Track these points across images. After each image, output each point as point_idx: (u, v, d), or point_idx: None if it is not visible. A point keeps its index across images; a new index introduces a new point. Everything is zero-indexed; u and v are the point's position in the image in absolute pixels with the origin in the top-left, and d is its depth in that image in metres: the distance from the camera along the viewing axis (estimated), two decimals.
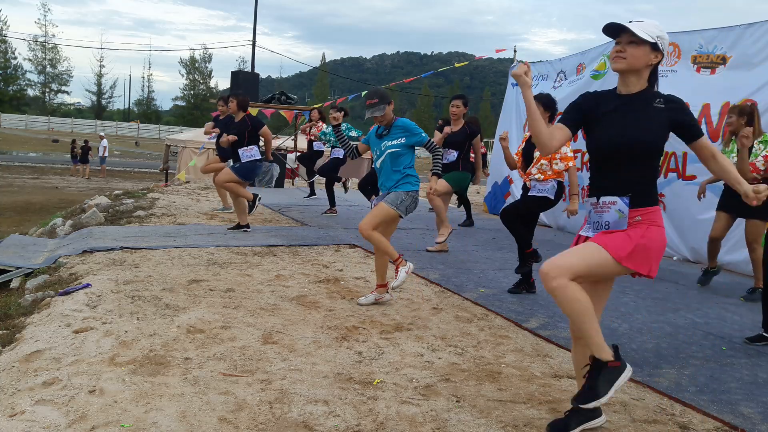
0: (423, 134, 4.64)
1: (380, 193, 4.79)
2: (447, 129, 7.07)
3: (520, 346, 4.04)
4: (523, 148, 5.53)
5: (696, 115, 7.28)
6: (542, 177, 5.19)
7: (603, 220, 2.60)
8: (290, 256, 6.41)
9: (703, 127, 7.19)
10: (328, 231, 8.07)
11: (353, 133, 9.40)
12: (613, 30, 2.60)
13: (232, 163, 7.60)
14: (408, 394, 3.16)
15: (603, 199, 2.61)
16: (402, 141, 4.61)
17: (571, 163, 5.19)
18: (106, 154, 28.14)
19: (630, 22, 2.56)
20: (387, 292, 4.83)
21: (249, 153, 7.34)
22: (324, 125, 10.67)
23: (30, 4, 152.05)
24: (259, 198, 7.67)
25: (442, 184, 6.74)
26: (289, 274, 5.57)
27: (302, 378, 3.29)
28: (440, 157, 4.82)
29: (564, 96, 9.63)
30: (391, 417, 2.90)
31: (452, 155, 6.98)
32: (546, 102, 5.15)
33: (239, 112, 7.48)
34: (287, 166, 14.84)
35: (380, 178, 4.74)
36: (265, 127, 7.68)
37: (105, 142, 28.25)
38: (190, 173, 17.63)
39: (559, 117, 2.86)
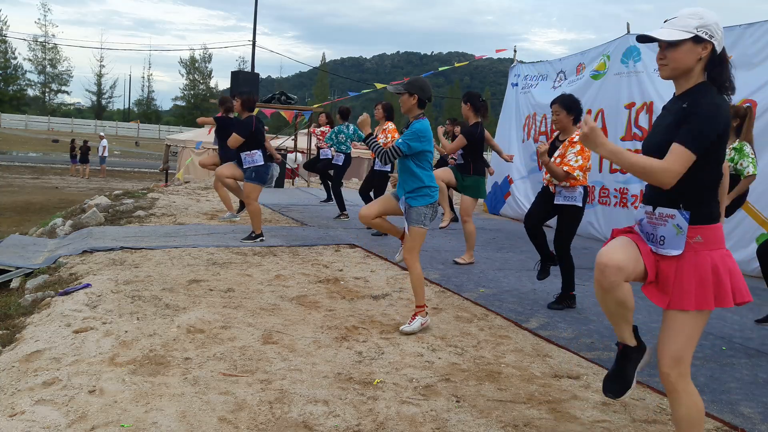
0: (401, 139, 4.21)
1: (400, 197, 4.38)
2: (457, 129, 6.96)
3: (520, 346, 4.04)
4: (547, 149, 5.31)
5: None
6: (568, 183, 4.87)
7: (658, 233, 2.33)
8: (290, 256, 6.41)
9: None
10: (328, 231, 8.07)
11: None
12: (647, 39, 2.34)
13: (244, 173, 7.40)
14: (408, 394, 3.16)
15: (660, 210, 2.33)
16: (401, 141, 4.27)
17: (566, 168, 4.77)
18: (106, 153, 28.14)
19: (665, 21, 2.33)
20: (427, 313, 4.33)
21: (251, 158, 6.98)
22: (330, 130, 10.53)
23: (30, 4, 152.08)
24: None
25: (445, 174, 6.54)
26: (289, 274, 5.57)
27: (302, 378, 3.29)
28: (378, 150, 4.30)
29: None
30: (391, 417, 2.90)
31: (457, 152, 6.87)
32: (568, 104, 4.85)
33: (244, 111, 7.14)
34: (287, 166, 14.84)
35: (399, 178, 4.39)
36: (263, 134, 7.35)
37: (105, 142, 28.26)
38: (189, 172, 17.64)
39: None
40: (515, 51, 11.73)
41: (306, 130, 16.11)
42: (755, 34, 6.91)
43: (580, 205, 4.89)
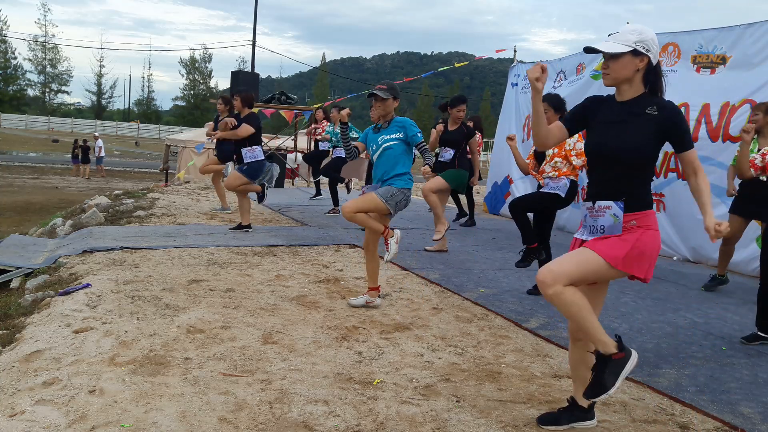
0: (419, 133, 4.59)
1: (372, 184, 4.70)
2: (440, 127, 7.06)
3: (520, 346, 4.04)
4: (534, 150, 5.41)
5: (696, 115, 7.27)
6: (556, 174, 5.08)
7: (598, 224, 2.63)
8: (290, 256, 6.41)
9: (703, 126, 7.18)
10: (328, 231, 8.07)
11: (354, 134, 9.38)
12: (592, 50, 2.68)
13: (237, 165, 7.52)
14: (408, 394, 3.16)
15: (598, 203, 2.64)
16: (399, 135, 4.55)
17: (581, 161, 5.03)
18: (103, 153, 28.06)
19: (609, 35, 2.65)
20: (378, 297, 4.78)
21: (252, 153, 7.27)
22: (328, 124, 10.61)
23: (30, 4, 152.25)
24: (267, 188, 7.66)
25: (437, 181, 6.74)
26: (289, 274, 5.57)
27: (302, 378, 3.29)
28: (430, 157, 4.77)
29: (563, 96, 9.61)
30: (391, 417, 2.90)
31: (448, 153, 6.96)
32: (555, 103, 5.08)
33: (244, 108, 7.44)
34: (287, 166, 14.84)
35: (374, 172, 4.67)
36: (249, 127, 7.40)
37: (100, 142, 28.15)
38: (189, 173, 17.64)
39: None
40: (515, 51, 11.75)
41: (306, 130, 16.10)
42: (755, 34, 6.91)
43: (563, 195, 5.08)
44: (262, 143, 7.49)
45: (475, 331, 4.28)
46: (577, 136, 4.95)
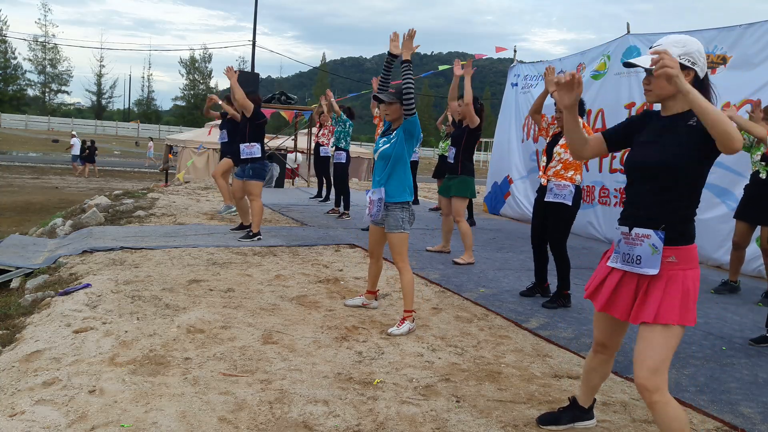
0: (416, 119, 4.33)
1: (372, 189, 4.48)
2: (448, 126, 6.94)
3: (520, 346, 4.04)
4: (546, 145, 5.18)
5: None
6: (561, 168, 4.88)
7: (635, 253, 2.38)
8: (290, 256, 6.40)
9: None
10: (328, 231, 8.07)
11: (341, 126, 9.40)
12: (632, 65, 2.43)
13: (238, 169, 7.36)
14: (408, 394, 3.16)
15: (636, 230, 2.39)
16: (399, 135, 4.32)
17: (575, 174, 4.87)
18: (77, 152, 27.63)
19: (650, 48, 2.35)
20: (375, 299, 4.76)
21: (250, 150, 7.08)
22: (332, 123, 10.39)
23: (30, 4, 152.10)
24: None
25: (457, 206, 6.54)
26: (289, 274, 5.57)
27: (302, 378, 3.29)
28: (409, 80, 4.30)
29: None
30: (391, 417, 2.90)
31: (451, 152, 6.89)
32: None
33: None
34: (287, 166, 14.85)
35: (374, 175, 4.50)
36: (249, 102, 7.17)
37: (75, 140, 27.78)
38: (189, 173, 17.64)
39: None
40: (515, 51, 11.72)
41: (306, 130, 16.10)
42: (755, 34, 6.91)
43: (569, 203, 4.84)
44: (264, 144, 7.30)
45: (475, 331, 4.28)
46: (584, 131, 4.80)
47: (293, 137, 16.49)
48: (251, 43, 28.44)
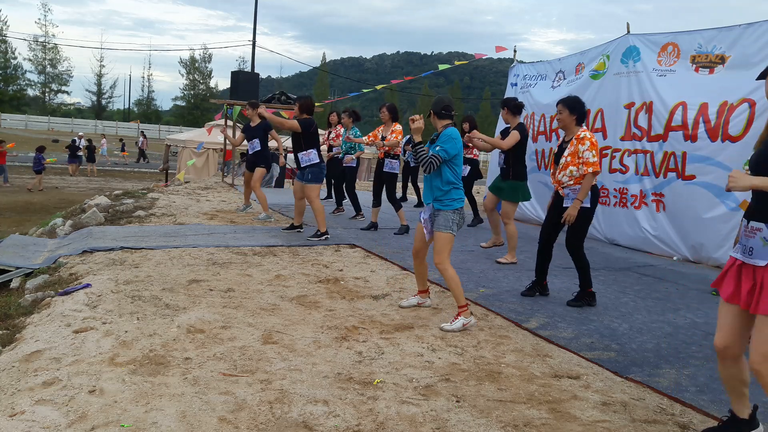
0: (442, 146, 4.30)
1: (424, 206, 4.56)
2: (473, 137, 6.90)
3: (520, 346, 4.04)
4: (555, 152, 5.26)
5: (694, 114, 7.27)
6: (572, 182, 4.96)
7: (749, 245, 2.59)
8: (290, 256, 6.41)
9: (701, 126, 7.19)
10: (328, 231, 8.06)
11: (351, 134, 9.37)
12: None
13: (298, 173, 7.41)
14: (408, 394, 3.16)
15: (752, 223, 2.59)
16: (438, 149, 4.33)
17: (591, 169, 4.86)
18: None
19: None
20: (428, 297, 4.84)
21: (308, 157, 7.20)
22: (341, 128, 10.30)
23: (30, 4, 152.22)
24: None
25: (506, 210, 6.63)
26: (289, 274, 5.57)
27: (302, 378, 3.29)
28: (423, 157, 4.33)
29: (562, 95, 9.62)
30: (391, 417, 2.90)
31: (501, 158, 6.87)
32: (572, 105, 4.96)
33: (302, 114, 7.31)
34: (287, 166, 14.83)
35: (424, 188, 4.54)
36: (295, 122, 7.30)
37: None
38: (189, 173, 17.64)
39: None
40: (515, 51, 11.72)
41: (322, 138, 16.06)
42: (755, 34, 6.91)
43: (589, 206, 4.95)
44: (319, 148, 7.40)
45: (475, 331, 4.28)
46: (589, 143, 4.85)
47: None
48: (251, 43, 28.45)
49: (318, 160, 7.25)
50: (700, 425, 3.01)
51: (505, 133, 6.96)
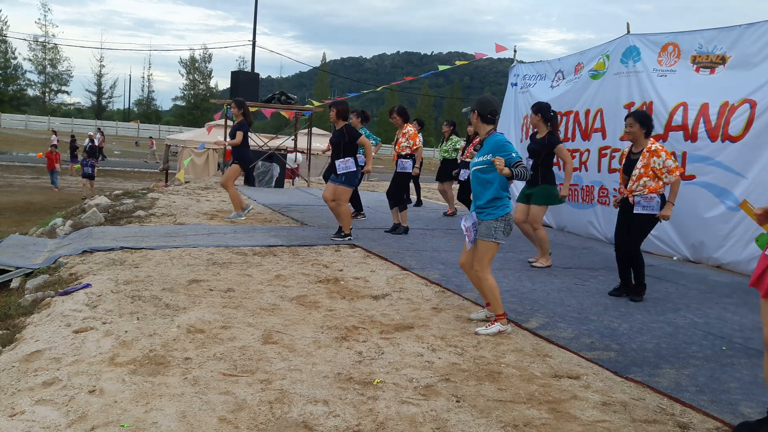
0: (514, 153, 4.24)
1: (470, 210, 4.53)
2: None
3: (520, 346, 4.04)
4: (624, 164, 5.48)
5: (694, 114, 7.26)
6: (646, 191, 5.21)
7: None
8: (290, 256, 6.41)
9: (701, 126, 7.18)
10: (328, 231, 8.06)
11: (367, 136, 9.32)
12: None
13: (333, 176, 7.44)
14: (408, 394, 3.16)
15: None
16: (488, 158, 4.25)
17: (678, 172, 5.19)
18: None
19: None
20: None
21: (345, 165, 7.23)
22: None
23: (30, 4, 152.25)
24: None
25: (535, 214, 6.60)
26: (289, 274, 5.57)
27: (302, 378, 3.29)
28: (522, 172, 4.25)
29: (561, 94, 9.63)
30: (391, 417, 2.90)
31: (529, 164, 6.83)
32: (642, 119, 5.24)
33: (339, 121, 7.34)
34: (287, 166, 14.84)
35: (473, 192, 4.49)
36: (363, 137, 7.45)
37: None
38: (189, 172, 17.64)
39: None
40: (515, 51, 11.72)
41: (306, 130, 16.10)
42: (755, 34, 6.91)
43: (657, 213, 5.25)
44: (356, 156, 7.44)
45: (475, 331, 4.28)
46: (664, 154, 5.14)
47: (293, 137, 16.48)
48: (251, 43, 28.48)
49: (354, 168, 7.34)
50: (700, 425, 3.01)
51: (533, 138, 6.88)
